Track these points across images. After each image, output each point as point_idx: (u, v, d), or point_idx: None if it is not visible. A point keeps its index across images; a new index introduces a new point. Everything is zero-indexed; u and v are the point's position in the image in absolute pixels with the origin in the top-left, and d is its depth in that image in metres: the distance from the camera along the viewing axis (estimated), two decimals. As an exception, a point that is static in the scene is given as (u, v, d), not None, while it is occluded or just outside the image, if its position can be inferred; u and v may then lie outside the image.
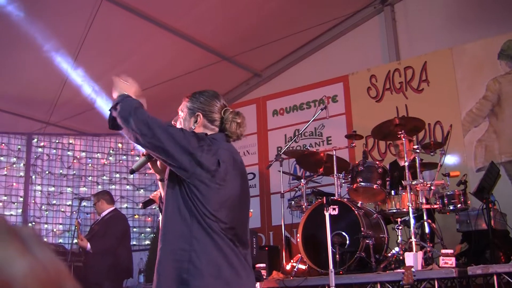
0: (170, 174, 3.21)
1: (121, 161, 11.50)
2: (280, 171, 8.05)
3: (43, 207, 10.76)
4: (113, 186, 11.10)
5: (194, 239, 3.03)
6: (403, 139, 6.96)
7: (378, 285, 6.27)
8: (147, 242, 11.00)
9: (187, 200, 3.09)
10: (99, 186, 10.94)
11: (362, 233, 6.64)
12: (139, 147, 3.72)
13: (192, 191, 3.07)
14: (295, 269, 7.25)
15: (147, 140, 3.12)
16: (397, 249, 6.72)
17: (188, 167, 3.05)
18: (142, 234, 11.11)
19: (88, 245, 7.84)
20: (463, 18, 9.71)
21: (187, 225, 3.06)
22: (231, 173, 3.20)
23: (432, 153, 7.20)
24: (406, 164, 6.85)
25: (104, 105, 9.77)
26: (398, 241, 6.82)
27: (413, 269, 5.81)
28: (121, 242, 8.21)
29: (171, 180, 3.20)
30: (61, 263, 0.53)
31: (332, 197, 6.74)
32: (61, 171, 11.09)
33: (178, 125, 3.49)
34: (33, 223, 10.32)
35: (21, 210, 10.57)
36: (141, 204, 4.76)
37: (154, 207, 11.05)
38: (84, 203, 9.87)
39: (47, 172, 10.99)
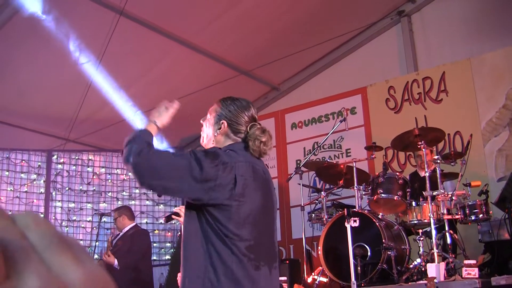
0: (187, 201, 3.15)
1: (140, 177, 11.51)
2: (300, 184, 8.04)
3: (63, 223, 10.81)
4: (133, 202, 11.13)
5: (218, 261, 2.96)
6: (423, 149, 6.92)
7: (401, 297, 6.22)
8: (167, 257, 11.02)
9: (207, 222, 3.01)
10: (119, 202, 10.97)
11: (384, 244, 6.60)
12: None
13: (211, 214, 3.00)
14: (317, 282, 7.22)
15: (155, 183, 3.02)
16: (419, 260, 6.67)
17: (202, 197, 2.97)
18: (163, 249, 11.13)
19: (116, 261, 7.83)
20: (480, 27, 9.67)
21: (208, 249, 2.99)
22: (251, 186, 3.10)
23: (452, 163, 7.16)
24: (427, 174, 6.81)
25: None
26: (420, 252, 6.76)
27: (435, 280, 5.77)
28: (144, 257, 8.22)
29: (188, 206, 3.14)
30: (107, 275, 0.54)
31: (353, 209, 6.72)
32: (81, 187, 11.14)
33: (205, 127, 3.47)
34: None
35: (42, 226, 10.60)
36: (164, 218, 4.75)
37: (174, 221, 11.10)
38: (104, 219, 9.90)
39: (67, 188, 11.05)
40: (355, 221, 6.31)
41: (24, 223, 0.52)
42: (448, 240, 6.67)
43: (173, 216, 4.17)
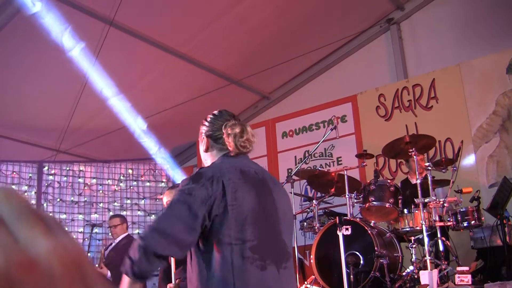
0: None
1: (131, 187, 11.50)
2: (291, 193, 8.02)
3: (54, 234, 10.75)
4: (124, 212, 11.09)
5: (228, 266, 3.01)
6: (415, 156, 6.93)
7: (394, 305, 6.22)
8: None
9: (210, 234, 3.04)
10: (111, 212, 10.93)
11: (376, 252, 6.59)
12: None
13: (212, 227, 3.03)
14: (310, 291, 7.20)
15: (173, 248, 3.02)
16: (411, 267, 6.66)
17: (200, 229, 3.00)
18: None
19: (109, 273, 7.77)
20: (469, 34, 9.71)
21: (213, 257, 3.02)
22: (242, 188, 3.11)
23: (443, 170, 7.16)
24: (418, 181, 6.81)
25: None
26: (413, 259, 6.76)
27: (428, 288, 5.77)
28: None
29: None
30: (82, 247, 0.54)
31: (344, 217, 6.71)
32: (72, 198, 11.10)
33: (200, 148, 3.47)
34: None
35: (33, 238, 10.56)
36: None
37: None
38: (95, 230, 9.87)
39: (58, 199, 11.01)
40: (347, 229, 6.30)
41: None
42: (441, 247, 6.67)
43: None
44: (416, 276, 6.45)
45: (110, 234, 8.78)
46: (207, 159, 3.43)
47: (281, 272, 3.11)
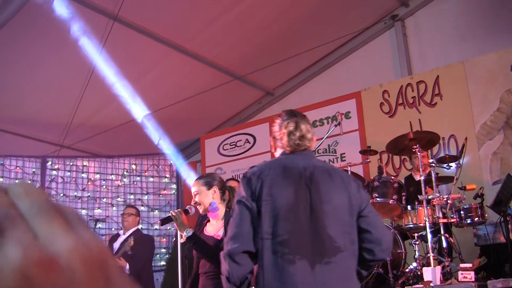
0: None
1: (135, 183, 11.51)
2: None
3: (58, 229, 10.76)
4: (128, 208, 11.11)
5: (260, 261, 3.27)
6: (418, 153, 6.91)
7: (397, 301, 6.21)
8: (163, 263, 10.98)
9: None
10: (114, 208, 10.95)
11: (380, 248, 6.58)
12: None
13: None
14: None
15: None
16: (414, 264, 6.66)
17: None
18: (158, 255, 11.09)
19: (127, 266, 7.71)
20: (474, 31, 9.69)
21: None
22: (280, 184, 3.31)
23: (447, 167, 7.15)
24: (422, 178, 6.79)
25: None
26: (416, 256, 6.75)
27: (431, 284, 5.76)
28: (146, 264, 8.15)
29: None
30: (103, 243, 0.53)
31: (348, 213, 6.69)
32: (75, 193, 11.11)
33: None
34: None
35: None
36: (159, 222, 4.78)
37: (169, 227, 11.09)
38: (99, 225, 9.88)
39: (61, 194, 11.02)
40: (350, 225, 6.28)
41: (15, 192, 0.52)
42: (444, 244, 6.65)
43: (172, 216, 4.28)
44: (419, 273, 6.44)
45: (121, 222, 8.73)
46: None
47: (317, 267, 3.20)
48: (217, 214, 4.94)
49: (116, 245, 8.29)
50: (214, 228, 4.93)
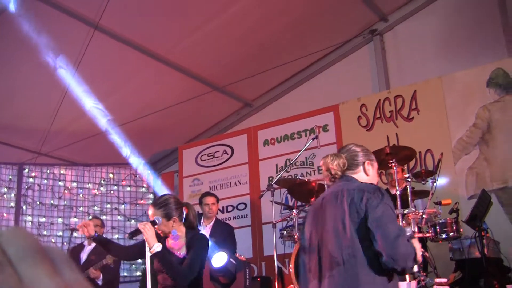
0: None
1: (112, 192, 11.48)
2: (272, 201, 8.02)
3: (33, 238, 10.69)
4: (104, 217, 11.06)
5: None
6: (395, 168, 6.96)
7: (372, 315, 6.23)
8: (138, 273, 10.94)
9: None
10: (90, 217, 10.90)
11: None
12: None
13: None
14: (288, 299, 7.22)
15: None
16: (390, 278, 6.68)
17: None
18: (134, 265, 11.05)
19: (101, 276, 7.69)
20: (452, 47, 9.80)
21: None
22: (311, 209, 4.01)
23: (423, 182, 7.20)
24: (398, 193, 6.84)
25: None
26: (391, 270, 6.77)
27: (406, 298, 5.79)
28: (117, 273, 8.14)
29: None
30: (89, 285, 0.55)
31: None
32: (52, 201, 11.06)
33: None
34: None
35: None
36: (126, 235, 4.80)
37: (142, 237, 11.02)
38: (75, 234, 9.80)
39: (38, 202, 10.96)
40: (327, 238, 6.31)
41: (4, 238, 0.54)
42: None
43: (141, 229, 4.37)
44: None
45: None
46: None
47: (324, 282, 3.61)
48: (178, 236, 5.00)
49: (83, 255, 8.24)
50: (176, 245, 4.99)
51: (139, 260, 11.10)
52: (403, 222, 6.66)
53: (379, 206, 3.59)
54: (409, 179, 6.88)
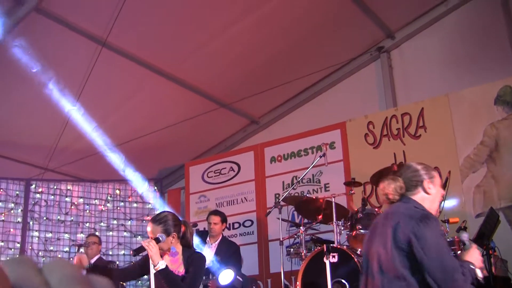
0: None
1: (118, 208, 11.48)
2: (279, 218, 8.01)
3: (40, 253, 10.71)
4: (111, 233, 11.08)
5: None
6: (402, 185, 6.92)
7: (379, 333, 6.20)
8: (144, 290, 10.93)
9: None
10: (97, 233, 10.90)
11: (362, 280, 6.59)
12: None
13: None
14: (295, 317, 7.19)
15: None
16: (397, 296, 6.65)
17: None
18: (140, 282, 11.03)
19: None
20: (458, 64, 9.79)
21: None
22: (375, 221, 4.16)
23: (431, 200, 7.17)
24: (405, 210, 6.80)
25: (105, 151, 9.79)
26: (398, 288, 6.75)
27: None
28: None
29: None
30: None
31: (332, 245, 6.71)
32: (58, 217, 11.06)
33: None
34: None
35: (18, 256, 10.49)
36: (131, 252, 4.85)
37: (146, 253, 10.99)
38: (81, 250, 9.82)
39: (44, 218, 10.97)
40: (333, 256, 6.31)
41: (49, 269, 0.56)
42: (426, 277, 6.66)
43: (146, 246, 4.39)
44: (401, 305, 6.44)
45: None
46: None
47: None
48: (176, 253, 5.03)
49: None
50: (173, 262, 5.01)
51: (145, 276, 11.10)
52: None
53: (427, 234, 3.59)
54: (416, 197, 6.85)
